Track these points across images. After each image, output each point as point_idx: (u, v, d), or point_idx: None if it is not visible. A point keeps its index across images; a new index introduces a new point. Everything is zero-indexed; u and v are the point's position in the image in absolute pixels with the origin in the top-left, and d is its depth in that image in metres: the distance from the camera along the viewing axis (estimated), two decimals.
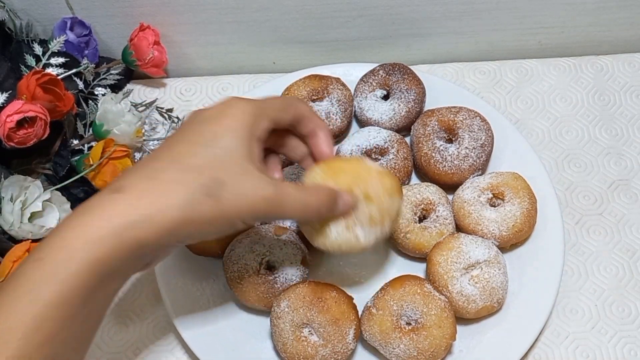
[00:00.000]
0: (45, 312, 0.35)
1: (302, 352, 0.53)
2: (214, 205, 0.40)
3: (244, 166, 0.42)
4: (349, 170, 0.50)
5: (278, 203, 0.43)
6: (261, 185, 0.42)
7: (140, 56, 0.72)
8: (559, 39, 0.77)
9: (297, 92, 0.69)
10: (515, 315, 0.57)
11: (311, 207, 0.46)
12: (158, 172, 0.41)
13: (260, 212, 0.43)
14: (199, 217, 0.40)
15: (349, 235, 0.50)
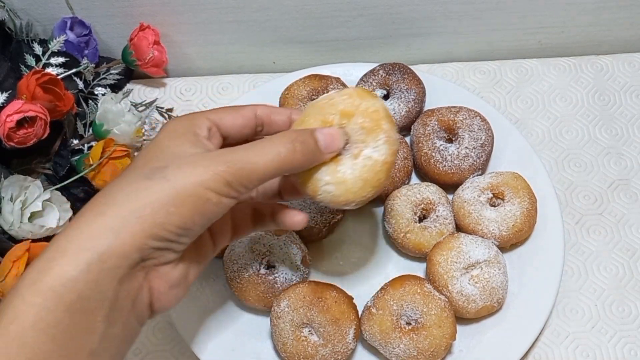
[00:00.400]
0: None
1: (302, 352, 0.53)
2: (162, 184, 0.38)
3: (184, 150, 0.40)
4: (314, 109, 0.46)
5: (238, 170, 0.40)
6: (207, 162, 0.39)
7: (140, 56, 0.73)
8: (559, 38, 0.77)
9: (297, 91, 0.69)
10: (515, 315, 0.57)
11: (285, 157, 0.41)
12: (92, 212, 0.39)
13: (226, 181, 0.39)
14: (154, 201, 0.38)
15: (362, 161, 0.44)
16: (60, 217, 0.58)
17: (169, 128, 0.43)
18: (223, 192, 0.39)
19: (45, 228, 0.57)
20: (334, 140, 0.44)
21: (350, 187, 0.44)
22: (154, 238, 0.38)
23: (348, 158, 0.44)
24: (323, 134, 0.43)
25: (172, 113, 0.73)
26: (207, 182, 0.39)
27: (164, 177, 0.38)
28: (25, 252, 0.52)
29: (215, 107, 0.74)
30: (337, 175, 0.44)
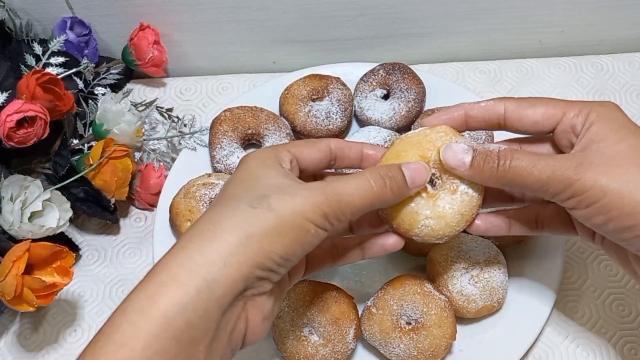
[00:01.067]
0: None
1: (302, 352, 0.53)
2: (266, 213, 0.38)
3: (281, 181, 0.41)
4: (408, 144, 0.47)
5: (335, 203, 0.40)
6: (306, 193, 0.40)
7: (140, 56, 0.73)
8: (559, 38, 0.77)
9: (297, 91, 0.69)
10: (515, 315, 0.57)
11: (377, 192, 0.42)
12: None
13: (323, 213, 0.40)
14: (261, 229, 0.38)
15: (460, 196, 0.46)
16: (60, 217, 0.58)
17: (258, 158, 0.43)
18: (320, 223, 0.40)
19: (45, 228, 0.57)
20: (421, 175, 0.45)
21: (449, 221, 0.46)
22: (259, 267, 0.38)
23: (445, 193, 0.46)
24: (410, 169, 0.44)
25: (172, 113, 0.73)
26: (307, 213, 0.39)
27: (268, 206, 0.39)
28: (25, 252, 0.51)
29: (215, 106, 0.75)
30: (438, 210, 0.45)
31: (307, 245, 0.40)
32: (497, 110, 0.47)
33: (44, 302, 0.53)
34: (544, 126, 0.46)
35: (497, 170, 0.43)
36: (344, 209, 0.41)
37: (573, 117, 0.44)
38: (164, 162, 0.70)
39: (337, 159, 0.48)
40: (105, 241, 0.67)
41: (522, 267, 0.60)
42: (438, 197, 0.46)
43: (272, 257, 0.38)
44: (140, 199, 0.67)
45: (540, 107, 0.46)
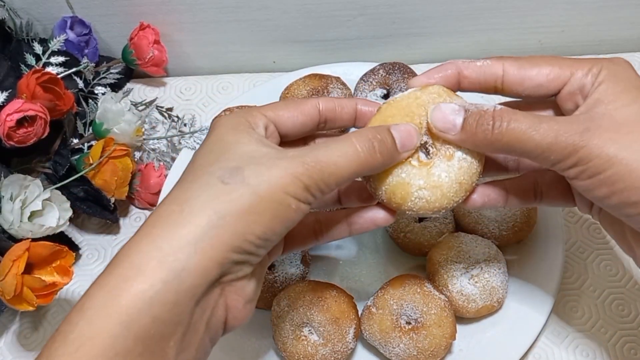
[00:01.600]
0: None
1: (302, 351, 0.53)
2: (241, 189, 0.35)
3: (255, 149, 0.37)
4: (396, 108, 0.42)
5: (317, 173, 0.36)
6: (285, 163, 0.36)
7: (140, 55, 0.73)
8: (559, 38, 0.77)
9: (297, 91, 0.69)
10: (515, 315, 0.57)
11: (365, 157, 0.38)
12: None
13: (304, 185, 0.36)
14: (235, 208, 0.34)
15: (458, 163, 0.40)
16: (60, 217, 0.58)
17: (228, 123, 0.39)
18: (302, 197, 0.36)
19: (45, 227, 0.57)
20: (411, 138, 0.40)
21: (445, 191, 0.41)
22: (235, 251, 0.35)
23: (440, 160, 0.41)
24: (399, 131, 0.40)
25: (172, 112, 0.73)
26: (287, 187, 0.35)
27: (243, 180, 0.35)
28: (25, 252, 0.51)
29: (215, 105, 0.75)
30: (432, 180, 0.40)
31: (288, 222, 0.36)
32: (494, 71, 0.42)
33: (43, 302, 0.53)
34: (548, 89, 0.41)
35: (491, 134, 0.38)
36: (328, 178, 0.37)
37: (582, 76, 0.40)
38: (164, 162, 0.70)
39: (327, 120, 0.43)
40: (105, 241, 0.67)
41: (522, 267, 0.60)
42: (432, 165, 0.41)
43: (249, 239, 0.35)
44: (140, 198, 0.67)
45: (545, 67, 0.41)
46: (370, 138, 0.38)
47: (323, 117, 0.43)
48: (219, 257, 0.34)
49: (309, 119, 0.42)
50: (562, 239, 0.60)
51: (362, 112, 0.44)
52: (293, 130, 0.42)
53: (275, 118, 0.41)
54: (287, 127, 0.42)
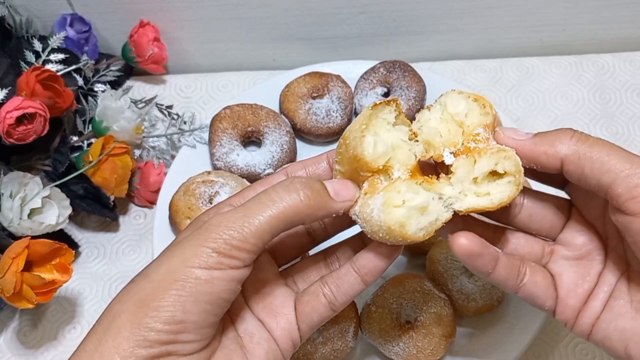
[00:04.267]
0: None
1: (301, 350, 0.53)
2: (138, 284, 0.34)
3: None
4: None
5: (225, 230, 0.34)
6: (186, 237, 0.35)
7: (140, 53, 0.72)
8: (560, 36, 0.77)
9: (297, 89, 0.69)
10: (514, 313, 0.57)
11: (280, 206, 0.35)
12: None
13: (212, 251, 0.34)
14: (133, 303, 0.33)
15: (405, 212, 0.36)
16: (59, 214, 0.58)
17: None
18: (213, 264, 0.33)
19: (45, 225, 0.57)
20: (347, 189, 0.38)
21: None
22: (142, 345, 0.32)
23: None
24: (332, 182, 0.38)
25: (172, 110, 0.73)
26: (188, 260, 0.33)
27: (146, 274, 0.34)
28: (24, 249, 0.51)
29: (215, 103, 0.75)
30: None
31: (206, 295, 0.33)
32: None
33: (43, 299, 0.53)
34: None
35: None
36: (240, 233, 0.34)
37: None
38: (163, 160, 0.70)
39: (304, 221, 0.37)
40: (105, 238, 0.66)
41: None
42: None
43: (155, 328, 0.32)
44: (140, 196, 0.67)
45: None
46: (292, 185, 0.36)
47: (293, 223, 0.38)
48: (124, 356, 0.32)
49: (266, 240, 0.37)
50: None
51: None
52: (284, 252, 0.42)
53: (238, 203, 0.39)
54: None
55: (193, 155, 0.68)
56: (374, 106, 0.38)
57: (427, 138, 0.39)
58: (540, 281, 0.40)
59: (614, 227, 0.38)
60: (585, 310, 0.40)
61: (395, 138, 0.39)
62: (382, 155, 0.38)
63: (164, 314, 0.32)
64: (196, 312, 0.33)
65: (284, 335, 0.39)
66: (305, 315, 0.39)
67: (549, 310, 0.41)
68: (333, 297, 0.39)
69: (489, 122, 0.39)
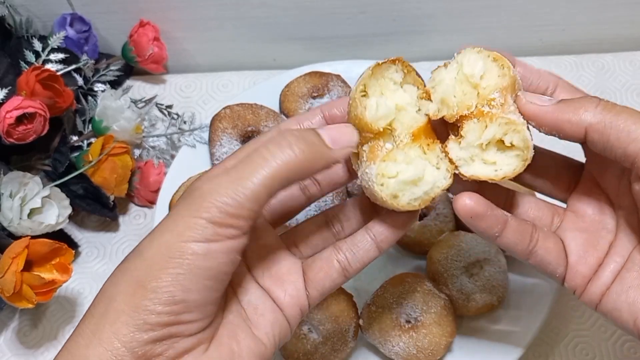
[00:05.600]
0: None
1: (301, 350, 0.53)
2: (133, 263, 0.32)
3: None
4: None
5: (218, 197, 0.31)
6: (180, 209, 0.32)
7: (140, 52, 0.72)
8: (560, 36, 0.77)
9: (297, 89, 0.69)
10: (515, 313, 0.57)
11: (273, 163, 0.32)
12: None
13: (207, 222, 0.31)
14: (128, 285, 0.32)
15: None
16: (59, 214, 0.58)
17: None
18: (209, 235, 0.31)
19: (45, 225, 0.57)
20: (344, 135, 0.36)
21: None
22: (142, 329, 0.30)
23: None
24: (328, 129, 0.36)
25: (172, 110, 0.73)
26: (182, 234, 0.31)
27: (139, 253, 0.32)
28: (24, 249, 0.51)
29: (215, 103, 0.75)
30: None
31: (205, 270, 0.31)
32: (550, 80, 0.40)
33: (43, 299, 0.53)
34: None
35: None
36: (235, 199, 0.31)
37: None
38: (163, 159, 0.70)
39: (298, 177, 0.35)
40: (105, 238, 0.66)
41: (522, 266, 0.59)
42: None
43: (155, 310, 0.30)
44: (140, 196, 0.67)
45: None
46: (284, 139, 0.33)
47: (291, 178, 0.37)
48: (124, 342, 0.30)
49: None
50: None
51: (333, 118, 0.40)
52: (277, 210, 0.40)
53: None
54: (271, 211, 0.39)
55: (193, 155, 0.68)
56: (375, 66, 0.37)
57: (442, 96, 0.38)
58: (553, 247, 0.39)
59: (629, 198, 0.38)
60: (596, 280, 0.39)
61: (400, 99, 0.37)
62: (383, 117, 0.36)
63: (162, 294, 0.31)
64: (196, 290, 0.31)
65: (292, 302, 0.37)
66: (317, 282, 0.38)
67: (560, 278, 0.40)
68: (347, 264, 0.38)
69: (506, 85, 0.37)
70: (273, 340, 0.36)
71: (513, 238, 0.38)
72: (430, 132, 0.38)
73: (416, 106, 0.38)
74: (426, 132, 0.38)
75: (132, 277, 0.31)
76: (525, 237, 0.39)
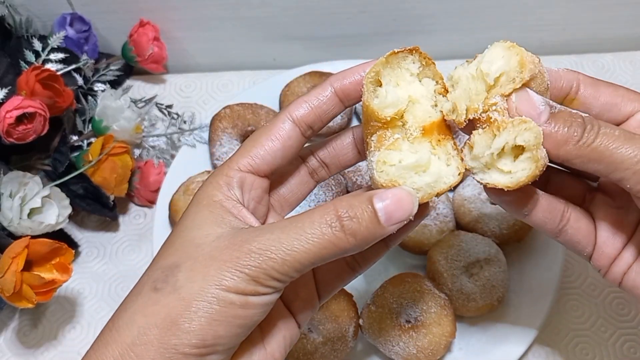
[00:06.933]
0: None
1: (301, 350, 0.53)
2: (168, 296, 0.32)
3: (204, 235, 0.34)
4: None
5: (267, 262, 0.32)
6: (225, 255, 0.32)
7: (140, 52, 0.72)
8: (560, 36, 0.77)
9: (297, 88, 0.69)
10: (515, 313, 0.57)
11: (324, 242, 0.32)
12: None
13: (249, 277, 0.32)
14: (156, 321, 0.31)
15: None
16: (59, 214, 0.58)
17: (194, 198, 0.36)
18: (248, 290, 0.32)
19: (45, 224, 0.57)
20: (403, 206, 0.33)
21: None
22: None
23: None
24: (384, 199, 0.33)
25: (172, 109, 0.73)
26: (223, 282, 0.31)
27: (174, 284, 0.32)
28: (24, 249, 0.51)
29: (215, 103, 0.75)
30: None
31: (237, 319, 0.32)
32: (571, 77, 0.39)
33: (43, 299, 0.53)
34: (620, 111, 0.38)
35: (578, 140, 0.34)
36: (281, 267, 0.32)
37: None
38: (163, 159, 0.70)
39: (313, 127, 0.37)
40: (105, 238, 0.66)
41: (522, 266, 0.59)
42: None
43: (183, 351, 0.31)
44: (140, 195, 0.67)
45: (621, 89, 0.39)
46: (337, 216, 0.32)
47: (305, 127, 0.37)
48: None
49: (290, 142, 0.37)
50: None
51: (345, 90, 0.38)
52: (280, 162, 0.37)
53: (252, 164, 0.36)
54: (271, 164, 0.37)
55: (193, 154, 0.68)
56: (390, 54, 0.36)
57: (457, 95, 0.36)
58: (584, 228, 0.39)
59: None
60: (619, 259, 0.39)
61: (415, 91, 0.36)
62: (391, 106, 0.35)
63: (194, 337, 0.31)
64: (227, 336, 0.32)
65: (304, 306, 0.38)
66: (327, 283, 0.39)
67: (587, 256, 0.40)
68: (356, 264, 0.39)
69: (514, 89, 0.35)
70: (284, 352, 0.37)
71: (543, 216, 0.38)
72: (444, 128, 0.36)
73: (432, 100, 0.36)
74: (440, 128, 0.36)
75: (167, 312, 0.32)
76: (555, 216, 0.38)
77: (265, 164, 0.36)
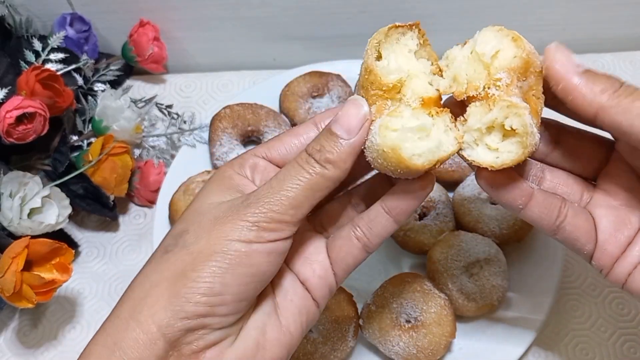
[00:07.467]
0: None
1: (301, 350, 0.53)
2: (177, 254, 0.34)
3: (210, 203, 0.36)
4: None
5: (265, 207, 0.34)
6: (224, 209, 0.35)
7: (140, 52, 0.72)
8: (560, 36, 0.77)
9: (297, 88, 0.69)
10: (515, 313, 0.57)
11: (308, 177, 0.35)
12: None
13: (251, 224, 0.34)
14: (167, 275, 0.33)
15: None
16: (59, 214, 0.58)
17: (211, 178, 0.39)
18: (252, 236, 0.33)
19: (45, 224, 0.57)
20: (351, 118, 0.35)
21: None
22: (178, 316, 0.32)
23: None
24: (339, 121, 0.35)
25: (172, 109, 0.73)
26: (228, 233, 0.33)
27: (184, 244, 0.34)
28: (24, 249, 0.51)
29: (215, 103, 0.75)
30: None
31: (245, 267, 0.33)
32: None
33: (43, 299, 0.53)
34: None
35: (608, 97, 0.35)
36: (280, 207, 0.34)
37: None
38: (163, 159, 0.70)
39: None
40: (105, 238, 0.66)
41: (522, 266, 0.59)
42: None
43: (193, 299, 0.32)
44: (140, 195, 0.67)
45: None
46: (308, 153, 0.35)
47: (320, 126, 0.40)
48: (160, 326, 0.32)
49: (307, 140, 0.39)
50: None
51: None
52: (290, 151, 0.39)
53: (267, 152, 0.39)
54: (283, 155, 0.39)
55: (193, 154, 0.68)
56: (391, 27, 0.36)
57: (454, 74, 0.37)
58: (583, 224, 0.39)
59: None
60: (623, 259, 0.38)
61: (413, 66, 0.37)
62: (394, 72, 0.36)
63: (202, 284, 0.32)
64: (235, 285, 0.33)
65: (321, 283, 0.38)
66: (340, 261, 0.39)
67: (587, 254, 0.39)
68: (367, 240, 0.38)
69: (517, 66, 0.35)
70: (300, 329, 0.38)
71: (539, 211, 0.38)
72: (440, 105, 0.37)
73: (428, 78, 0.37)
74: (437, 103, 0.37)
75: (176, 267, 0.33)
76: (552, 212, 0.38)
77: (279, 155, 0.39)
